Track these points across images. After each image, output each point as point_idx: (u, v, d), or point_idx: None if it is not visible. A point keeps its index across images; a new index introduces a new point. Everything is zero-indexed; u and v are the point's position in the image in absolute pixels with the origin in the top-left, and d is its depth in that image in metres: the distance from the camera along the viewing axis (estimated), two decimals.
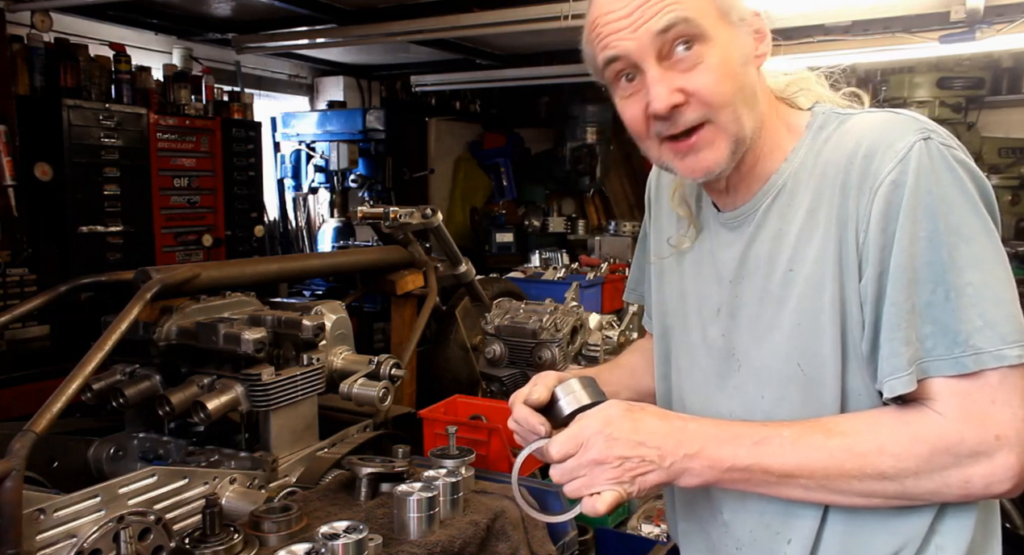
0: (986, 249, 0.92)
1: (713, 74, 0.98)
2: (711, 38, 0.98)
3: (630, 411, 0.99)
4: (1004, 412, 0.90)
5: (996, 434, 0.89)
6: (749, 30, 1.03)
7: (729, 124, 1.00)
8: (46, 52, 3.96)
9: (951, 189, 0.92)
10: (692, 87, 0.98)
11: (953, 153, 0.94)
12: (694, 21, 0.97)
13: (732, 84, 0.99)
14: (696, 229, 1.20)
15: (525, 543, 1.62)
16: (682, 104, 0.99)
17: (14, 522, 1.37)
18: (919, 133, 0.94)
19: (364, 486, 1.64)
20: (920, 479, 0.92)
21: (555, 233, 7.57)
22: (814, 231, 1.01)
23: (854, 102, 1.13)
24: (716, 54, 0.98)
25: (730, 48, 1.00)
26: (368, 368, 2.17)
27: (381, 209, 2.95)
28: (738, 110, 1.00)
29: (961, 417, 0.91)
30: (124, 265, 3.93)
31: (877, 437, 0.94)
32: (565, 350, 2.65)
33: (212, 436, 2.09)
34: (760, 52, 1.04)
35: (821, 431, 0.97)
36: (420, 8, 4.37)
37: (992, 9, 3.87)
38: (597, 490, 0.98)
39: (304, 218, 6.40)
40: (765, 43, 1.05)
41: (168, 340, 2.03)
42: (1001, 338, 0.89)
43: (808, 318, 1.01)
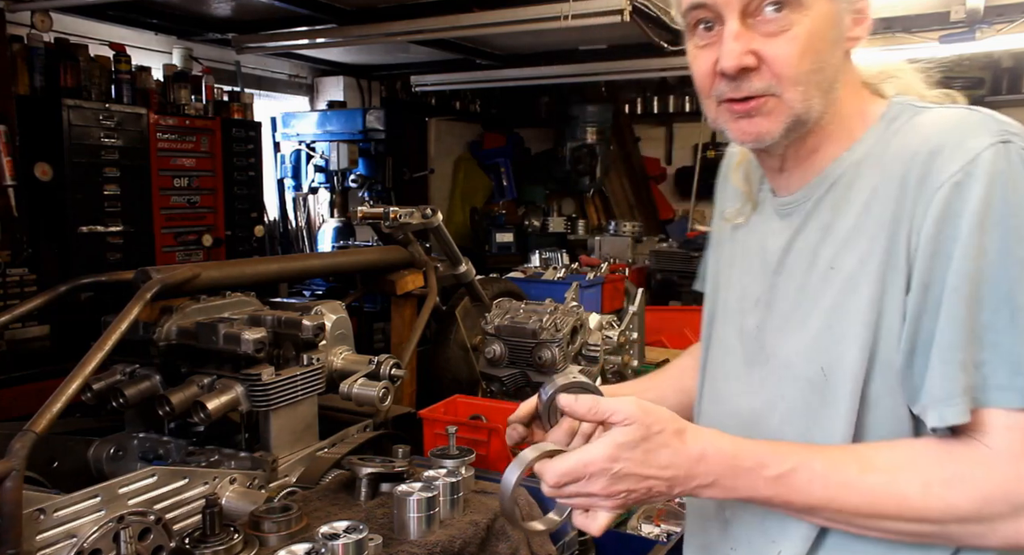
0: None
1: (796, 46, 0.91)
2: (806, 6, 0.91)
3: (644, 439, 0.88)
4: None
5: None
6: (850, 8, 0.95)
7: (795, 103, 0.94)
8: (46, 52, 3.96)
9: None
10: (769, 54, 0.91)
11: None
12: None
13: (812, 62, 0.92)
14: (753, 205, 1.14)
15: (525, 543, 1.62)
16: (752, 69, 0.92)
17: (14, 522, 1.37)
18: (997, 135, 0.85)
19: (364, 486, 1.64)
20: (966, 525, 0.83)
21: (555, 233, 7.58)
22: (864, 228, 0.94)
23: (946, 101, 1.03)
24: (806, 25, 0.91)
25: (824, 22, 0.92)
26: (368, 368, 2.17)
27: (381, 209, 2.95)
28: (809, 91, 0.93)
29: (1018, 457, 0.81)
30: (124, 265, 3.93)
31: (921, 475, 0.85)
32: (565, 350, 2.65)
33: (212, 436, 2.09)
34: (854, 35, 0.97)
35: (856, 464, 0.88)
36: (420, 8, 4.37)
37: (992, 9, 3.87)
38: (595, 509, 0.93)
39: (304, 218, 6.40)
40: (863, 27, 0.97)
41: (168, 340, 2.03)
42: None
43: (839, 320, 0.94)
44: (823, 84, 0.94)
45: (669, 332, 3.95)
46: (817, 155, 1.01)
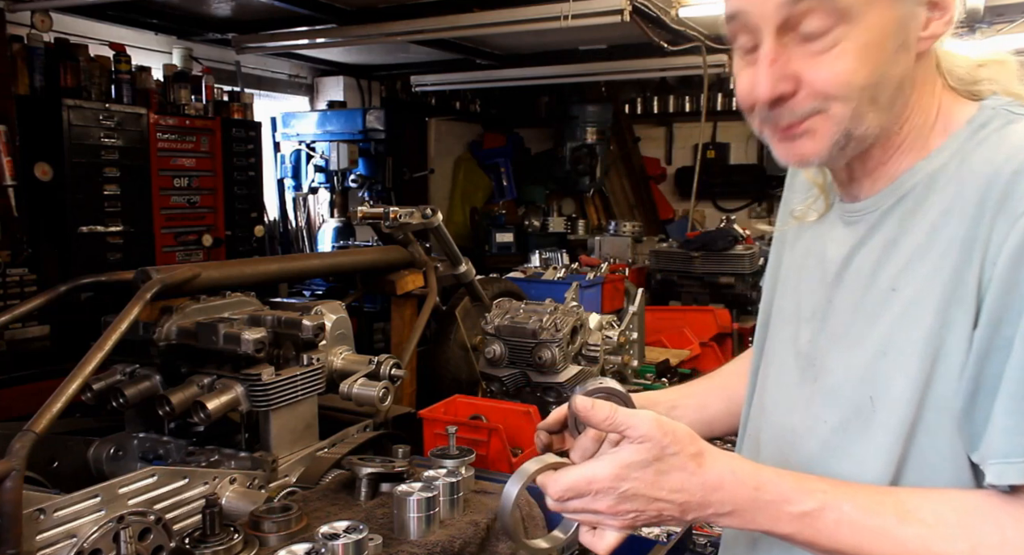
0: None
1: (845, 63, 0.80)
2: (856, 17, 0.79)
3: (657, 459, 0.82)
4: None
5: None
6: (917, 5, 0.82)
7: (844, 119, 0.83)
8: (46, 52, 3.96)
9: None
10: (810, 77, 0.82)
11: None
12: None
13: (868, 76, 0.81)
14: (826, 201, 1.02)
15: None
16: (790, 95, 0.83)
17: (14, 522, 1.37)
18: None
19: (364, 486, 1.64)
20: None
21: (555, 233, 7.58)
22: (932, 249, 0.84)
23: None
24: (858, 38, 0.80)
25: (881, 32, 0.80)
26: (368, 368, 2.17)
27: (381, 209, 2.94)
28: (862, 108, 0.83)
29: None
30: (124, 265, 3.93)
31: (970, 536, 0.76)
32: (565, 350, 2.65)
33: (212, 436, 2.09)
34: (930, 33, 0.83)
35: (894, 512, 0.79)
36: (420, 8, 4.37)
37: (992, 9, 3.87)
38: (601, 529, 0.86)
39: (304, 218, 6.40)
40: (943, 21, 0.83)
41: (168, 340, 2.03)
42: None
43: (896, 348, 0.85)
44: (881, 99, 0.83)
45: (669, 332, 3.95)
46: (888, 165, 0.91)
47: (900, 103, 0.86)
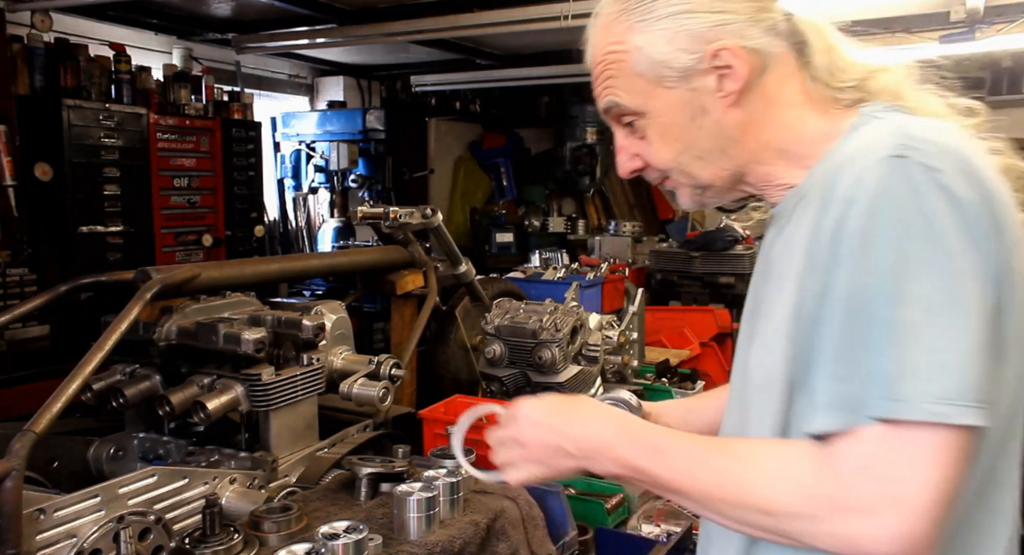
0: (941, 290, 0.80)
1: (652, 146, 1.04)
2: (645, 112, 1.02)
3: (562, 401, 1.05)
4: (900, 471, 0.80)
5: (883, 492, 0.81)
6: (703, 76, 0.98)
7: (683, 178, 1.05)
8: (46, 52, 3.96)
9: (915, 217, 0.82)
10: (642, 154, 1.06)
11: (934, 176, 0.83)
12: (623, 104, 1.03)
13: (675, 149, 1.03)
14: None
15: (525, 543, 1.62)
16: (641, 168, 1.08)
17: (14, 522, 1.37)
18: (894, 149, 0.85)
19: (364, 486, 1.64)
20: (799, 522, 0.86)
21: (555, 233, 7.57)
22: (796, 240, 0.96)
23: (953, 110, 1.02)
24: (654, 126, 1.02)
25: (671, 114, 1.01)
26: (368, 368, 2.17)
27: (381, 209, 2.94)
28: (687, 167, 1.03)
29: (859, 467, 0.82)
30: (124, 265, 3.93)
31: (769, 469, 0.89)
32: (565, 350, 2.65)
33: (212, 436, 2.09)
34: (727, 90, 0.98)
35: (721, 451, 0.94)
36: (420, 8, 4.37)
37: (992, 9, 3.87)
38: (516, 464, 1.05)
39: (304, 218, 6.40)
40: (732, 79, 0.98)
41: (168, 340, 2.03)
42: (920, 391, 0.79)
43: (773, 333, 0.95)
44: (704, 155, 1.02)
45: (669, 332, 3.95)
46: (776, 182, 1.05)
47: (734, 147, 1.02)
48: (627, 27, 1.00)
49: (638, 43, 0.99)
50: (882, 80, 1.01)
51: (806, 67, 1.02)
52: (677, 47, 0.98)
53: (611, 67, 1.02)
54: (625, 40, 1.00)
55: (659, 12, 0.98)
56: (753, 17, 0.99)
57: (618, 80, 1.02)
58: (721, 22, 0.97)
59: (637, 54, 0.99)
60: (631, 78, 1.01)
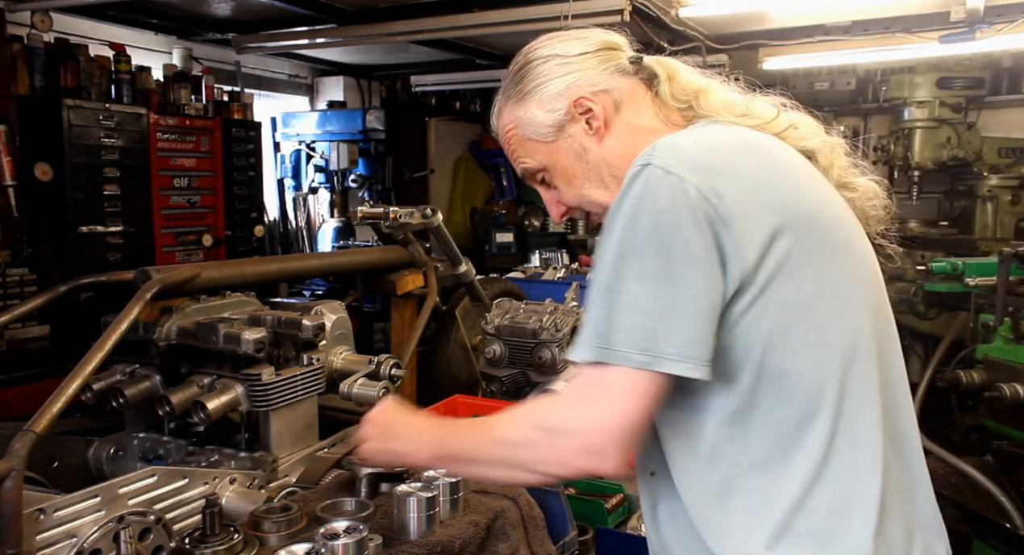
0: (651, 266, 1.00)
1: (561, 189, 1.28)
2: (546, 166, 1.27)
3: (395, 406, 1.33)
4: (596, 402, 1.01)
5: (581, 415, 1.02)
6: (573, 123, 1.22)
7: (594, 207, 1.26)
8: (46, 52, 3.96)
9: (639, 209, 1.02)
10: (561, 200, 1.30)
11: (667, 178, 1.01)
12: (529, 166, 1.28)
13: (575, 186, 1.26)
14: None
15: (525, 543, 1.62)
16: (567, 211, 1.32)
17: (14, 522, 1.37)
18: (643, 159, 1.05)
19: (364, 486, 1.64)
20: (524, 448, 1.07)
21: (555, 233, 7.56)
22: None
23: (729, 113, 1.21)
24: (556, 174, 1.27)
25: (561, 161, 1.25)
26: (368, 368, 2.17)
27: (381, 209, 2.95)
28: (591, 197, 1.25)
29: (566, 398, 1.06)
30: (124, 265, 3.93)
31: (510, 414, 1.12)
32: (565, 350, 2.65)
33: (212, 436, 2.09)
34: (594, 128, 1.21)
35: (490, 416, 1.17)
36: (420, 8, 4.37)
37: (992, 9, 3.87)
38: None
39: (304, 218, 6.40)
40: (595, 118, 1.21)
41: (168, 340, 2.03)
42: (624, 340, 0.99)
43: None
44: (598, 183, 1.24)
45: None
46: None
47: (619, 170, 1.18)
48: (511, 107, 1.26)
49: (519, 115, 1.25)
50: (702, 99, 1.21)
51: (657, 95, 1.24)
52: (545, 108, 1.22)
53: (512, 141, 1.28)
54: (513, 117, 1.26)
55: (526, 88, 1.24)
56: (598, 68, 1.22)
57: (519, 150, 1.28)
58: (573, 81, 1.22)
59: (523, 124, 1.25)
60: (526, 144, 1.26)
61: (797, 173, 1.12)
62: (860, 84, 6.08)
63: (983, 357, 3.04)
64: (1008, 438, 2.99)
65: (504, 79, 1.30)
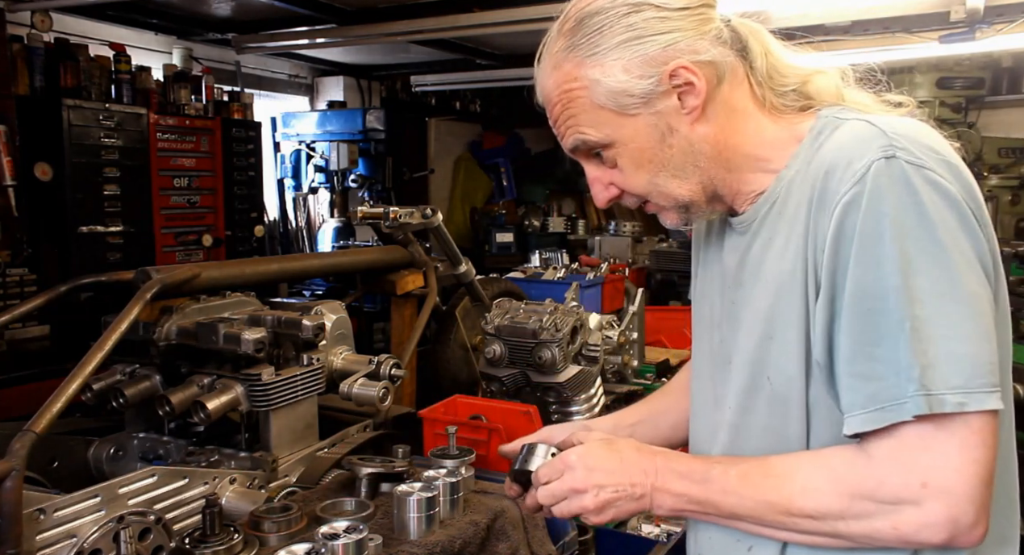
0: (941, 282, 0.84)
1: (626, 173, 1.05)
2: (614, 142, 1.03)
3: (609, 443, 1.09)
4: (935, 460, 0.85)
5: (922, 482, 0.85)
6: (664, 97, 1.00)
7: (663, 200, 1.06)
8: (46, 52, 3.96)
9: (909, 213, 0.85)
10: (617, 183, 1.08)
11: (924, 173, 0.86)
12: (591, 139, 1.04)
13: (648, 172, 1.04)
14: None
15: (525, 543, 1.62)
16: (618, 195, 1.09)
17: (14, 522, 1.37)
18: (882, 150, 0.88)
19: (364, 486, 1.64)
20: (847, 522, 0.90)
21: (555, 233, 7.57)
22: (791, 243, 0.98)
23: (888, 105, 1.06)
24: (624, 154, 1.04)
25: (637, 140, 1.02)
26: (368, 368, 2.16)
27: (381, 209, 2.94)
28: (664, 188, 1.05)
29: (888, 461, 0.87)
30: (124, 265, 3.93)
31: (804, 478, 0.94)
32: (565, 350, 2.65)
33: (212, 436, 2.09)
34: (690, 107, 1.00)
35: (762, 471, 0.98)
36: (420, 8, 4.37)
37: (992, 9, 3.87)
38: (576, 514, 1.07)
39: (304, 218, 6.40)
40: (693, 95, 1.00)
41: (168, 340, 2.03)
42: (943, 382, 0.83)
43: (779, 331, 0.99)
44: (677, 171, 1.03)
45: (669, 332, 3.94)
46: (745, 189, 1.07)
47: (705, 160, 1.03)
48: (577, 63, 1.01)
49: (594, 76, 1.00)
50: (819, 83, 1.05)
51: (751, 73, 1.04)
52: (634, 74, 0.98)
53: (571, 105, 1.03)
54: (579, 76, 1.01)
55: (607, 43, 0.98)
56: (699, 30, 0.99)
57: (580, 116, 1.03)
58: (671, 42, 0.98)
59: (595, 87, 1.00)
60: (593, 112, 1.02)
61: None
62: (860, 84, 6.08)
63: None
64: None
65: (563, 21, 1.03)
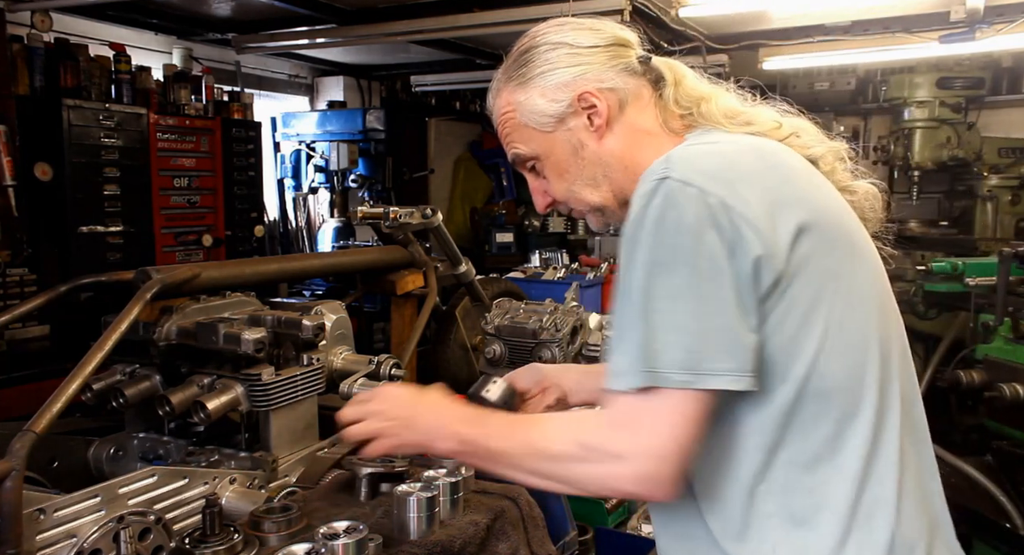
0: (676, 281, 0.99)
1: (551, 182, 1.26)
2: (540, 155, 1.24)
3: (415, 390, 1.29)
4: (646, 426, 1.00)
5: (634, 442, 1.00)
6: (574, 117, 1.19)
7: (580, 205, 1.26)
8: (46, 52, 3.96)
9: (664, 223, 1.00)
10: (549, 190, 1.28)
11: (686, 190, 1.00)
12: (522, 153, 1.25)
13: (566, 181, 1.24)
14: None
15: (525, 543, 1.62)
16: (552, 202, 1.29)
17: (14, 522, 1.37)
18: (660, 173, 1.03)
19: (364, 486, 1.64)
20: (574, 465, 1.05)
21: (555, 233, 7.56)
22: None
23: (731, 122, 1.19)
24: (547, 165, 1.25)
25: (555, 153, 1.22)
26: (368, 368, 2.17)
27: (381, 209, 2.94)
28: (579, 195, 1.24)
29: (615, 422, 1.03)
30: (124, 265, 3.93)
31: (555, 426, 1.13)
32: (565, 350, 2.65)
33: (212, 436, 2.09)
34: (596, 125, 1.19)
35: (530, 421, 1.22)
36: (420, 8, 4.37)
37: (992, 9, 3.88)
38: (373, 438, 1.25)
39: (304, 218, 6.40)
40: (597, 115, 1.18)
41: (168, 340, 2.03)
42: (662, 362, 0.98)
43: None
44: (590, 181, 1.23)
45: None
46: None
47: (613, 171, 1.21)
48: (511, 90, 1.23)
49: (520, 100, 1.22)
50: (704, 106, 1.20)
51: (660, 98, 1.22)
52: (549, 98, 1.20)
53: (507, 125, 1.25)
54: (511, 100, 1.23)
55: (531, 74, 1.21)
56: (607, 63, 1.20)
57: (513, 134, 1.25)
58: (580, 73, 1.19)
59: (521, 109, 1.22)
60: (522, 130, 1.23)
61: (807, 177, 1.12)
62: (860, 84, 6.08)
63: (983, 357, 3.04)
64: (1008, 438, 2.99)
65: (507, 58, 1.26)
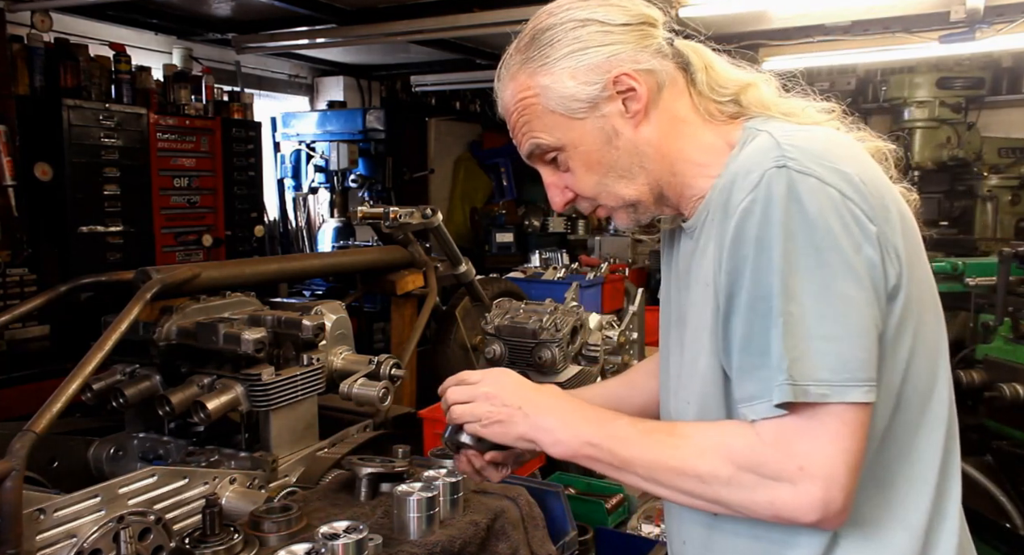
0: (816, 283, 0.91)
1: (576, 175, 1.12)
2: (565, 146, 1.10)
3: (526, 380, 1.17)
4: (811, 447, 0.92)
5: (800, 465, 0.92)
6: (609, 102, 1.07)
7: (612, 201, 1.13)
8: (46, 52, 3.96)
9: (793, 219, 0.92)
10: (573, 188, 1.14)
11: (808, 181, 0.93)
12: (544, 143, 1.11)
13: (597, 174, 1.11)
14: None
15: (525, 543, 1.62)
16: (573, 199, 1.16)
17: (14, 522, 1.37)
18: (775, 161, 0.95)
19: (364, 486, 1.64)
20: (730, 489, 0.96)
21: (555, 233, 7.56)
22: (710, 249, 1.05)
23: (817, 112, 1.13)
24: (575, 157, 1.11)
25: (585, 142, 1.09)
26: (368, 368, 2.17)
27: (381, 209, 2.94)
28: (612, 189, 1.12)
29: (772, 443, 0.94)
30: (124, 265, 3.93)
31: (702, 443, 1.00)
32: (565, 350, 2.65)
33: (212, 436, 2.09)
34: (632, 111, 1.08)
35: (666, 430, 1.07)
36: (420, 8, 4.37)
37: (992, 9, 3.88)
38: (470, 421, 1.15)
39: (304, 218, 6.40)
40: (635, 100, 1.07)
41: (168, 340, 2.03)
42: (808, 374, 0.90)
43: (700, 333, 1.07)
44: (624, 173, 1.11)
45: None
46: (687, 193, 1.13)
47: (650, 162, 1.10)
48: (531, 74, 1.09)
49: (545, 83, 1.08)
50: (751, 94, 1.11)
51: (692, 84, 1.12)
52: (580, 81, 1.07)
53: (526, 112, 1.11)
54: (532, 85, 1.09)
55: (556, 54, 1.08)
56: (639, 44, 1.08)
57: (534, 122, 1.11)
58: (614, 53, 1.07)
59: (546, 94, 1.08)
60: (546, 117, 1.10)
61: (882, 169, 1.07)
62: (860, 84, 6.09)
63: (983, 357, 3.04)
64: (1008, 438, 2.99)
65: (518, 39, 1.15)
